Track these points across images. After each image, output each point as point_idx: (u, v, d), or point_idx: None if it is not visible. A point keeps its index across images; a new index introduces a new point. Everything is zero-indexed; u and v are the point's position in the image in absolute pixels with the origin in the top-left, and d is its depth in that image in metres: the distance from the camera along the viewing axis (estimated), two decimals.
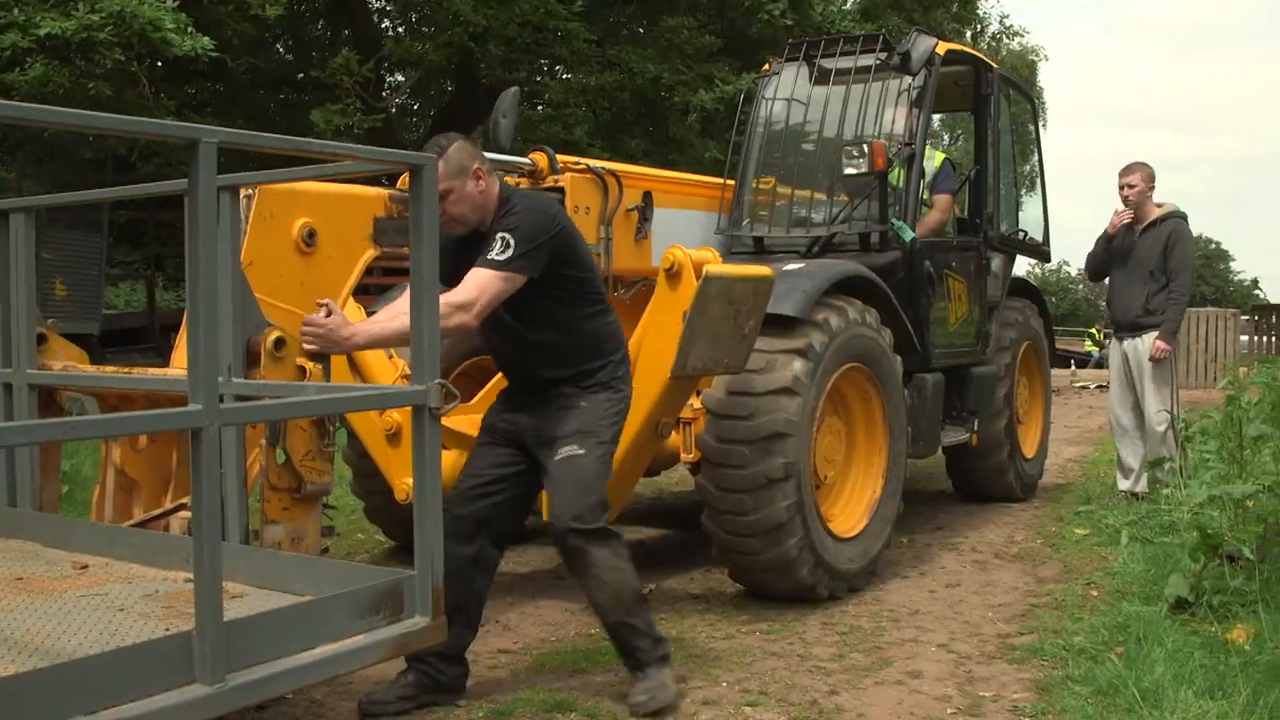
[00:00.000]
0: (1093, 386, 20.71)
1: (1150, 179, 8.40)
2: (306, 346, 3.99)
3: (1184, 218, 8.41)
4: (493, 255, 4.26)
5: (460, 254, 4.31)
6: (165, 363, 5.80)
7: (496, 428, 4.71)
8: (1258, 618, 5.16)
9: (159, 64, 14.40)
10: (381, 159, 3.58)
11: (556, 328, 4.53)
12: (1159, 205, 8.44)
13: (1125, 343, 8.45)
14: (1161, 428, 8.19)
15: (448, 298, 4.07)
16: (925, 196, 7.73)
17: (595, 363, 4.61)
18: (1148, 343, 8.24)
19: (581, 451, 4.48)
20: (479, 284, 4.23)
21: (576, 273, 4.54)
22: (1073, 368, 25.46)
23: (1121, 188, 8.41)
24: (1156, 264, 8.25)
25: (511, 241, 4.26)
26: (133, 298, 17.27)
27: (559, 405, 4.56)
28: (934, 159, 7.87)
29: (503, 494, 4.61)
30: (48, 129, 12.22)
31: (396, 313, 4.18)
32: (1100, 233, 8.61)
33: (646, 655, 4.56)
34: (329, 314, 4.00)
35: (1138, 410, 8.42)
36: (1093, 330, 36.64)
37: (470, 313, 4.18)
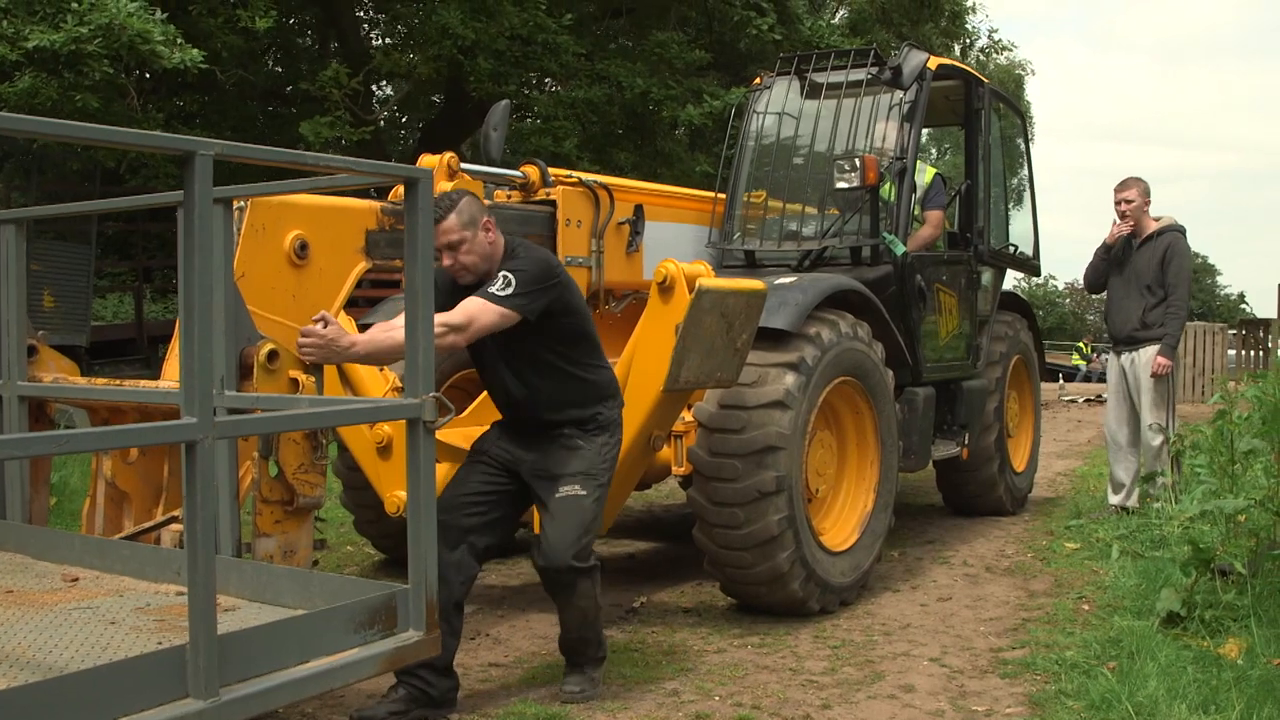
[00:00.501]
0: (1081, 400, 20.74)
1: (1146, 193, 8.41)
2: (305, 357, 4.01)
3: (1182, 231, 8.39)
4: (494, 290, 4.45)
5: (456, 294, 4.53)
6: (153, 374, 5.76)
7: (491, 453, 4.86)
8: (1250, 632, 5.16)
9: (147, 76, 14.38)
10: (377, 172, 3.56)
11: (559, 377, 4.73)
12: (1156, 219, 8.44)
13: (1123, 356, 8.44)
14: (1156, 442, 8.19)
15: (443, 318, 4.21)
16: (916, 212, 7.73)
17: (594, 409, 4.81)
18: (1145, 356, 8.23)
19: (583, 493, 4.69)
20: (475, 310, 4.41)
21: (576, 324, 4.75)
22: (1061, 381, 25.50)
23: (1118, 203, 8.40)
24: (1154, 278, 8.24)
25: (513, 280, 4.46)
26: (120, 309, 17.18)
27: (561, 444, 4.77)
28: (925, 174, 7.86)
29: (491, 512, 4.76)
30: (37, 140, 12.20)
31: (393, 325, 4.22)
32: (1099, 244, 8.61)
33: (588, 659, 4.89)
34: (326, 325, 4.02)
35: (1133, 425, 8.41)
36: (1080, 344, 36.73)
37: (462, 335, 4.36)
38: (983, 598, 6.52)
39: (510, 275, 4.46)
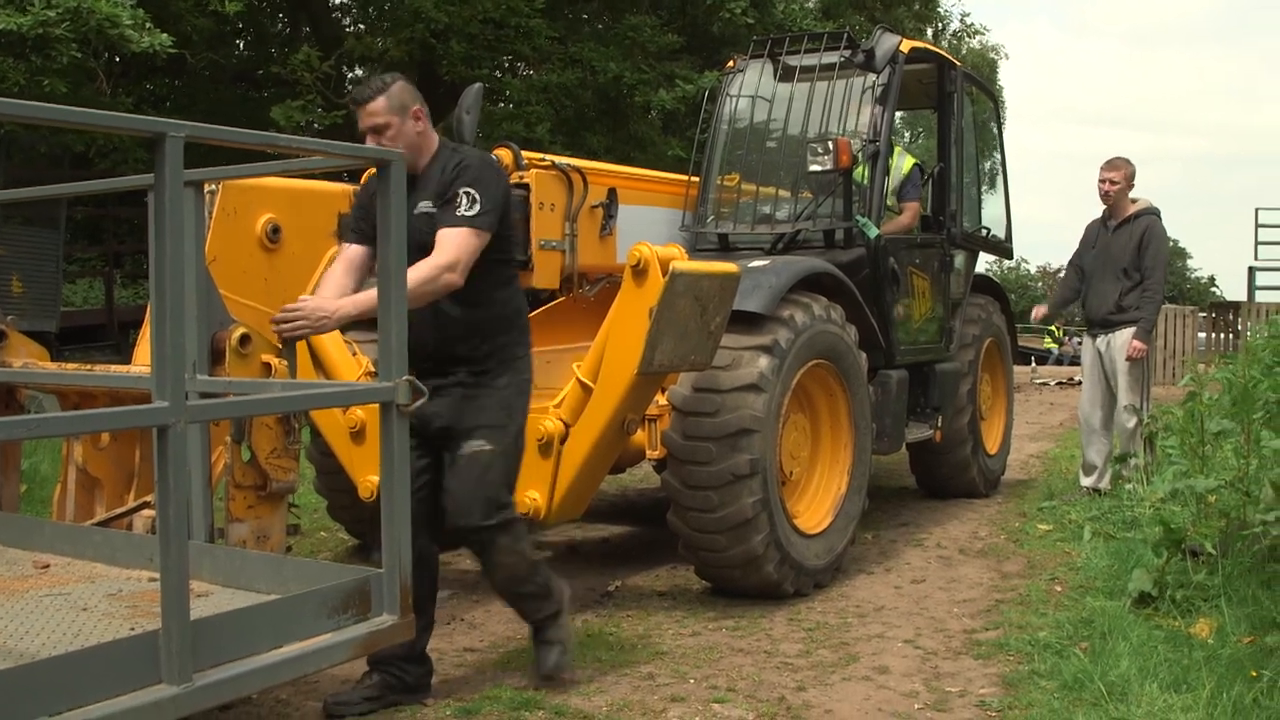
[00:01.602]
0: (1053, 383, 20.85)
1: (1131, 177, 8.39)
2: (293, 334, 3.86)
3: (1157, 214, 8.38)
4: (463, 212, 4.22)
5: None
6: (124, 360, 5.70)
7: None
8: (1220, 612, 5.20)
9: (116, 60, 14.27)
10: (351, 154, 3.54)
11: (472, 301, 4.41)
12: (1133, 201, 8.44)
13: (1098, 340, 8.45)
14: (1130, 424, 8.22)
15: (433, 260, 4.09)
16: (891, 202, 7.76)
17: (502, 337, 4.53)
18: (1120, 339, 8.24)
19: (489, 447, 4.43)
20: (458, 243, 4.19)
21: (505, 233, 4.51)
22: (1033, 364, 25.60)
23: (1102, 181, 8.38)
24: (1130, 261, 8.23)
25: (477, 197, 4.24)
26: (90, 295, 17.07)
27: (460, 395, 4.45)
28: (904, 162, 7.92)
29: (425, 489, 4.47)
30: (4, 125, 12.09)
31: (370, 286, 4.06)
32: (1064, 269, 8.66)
33: (543, 619, 4.72)
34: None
35: (1107, 409, 8.43)
36: (1052, 328, 36.85)
37: (456, 272, 4.15)
38: (956, 579, 6.54)
39: (473, 191, 4.23)
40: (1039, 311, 9.31)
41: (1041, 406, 16.88)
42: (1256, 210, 23.34)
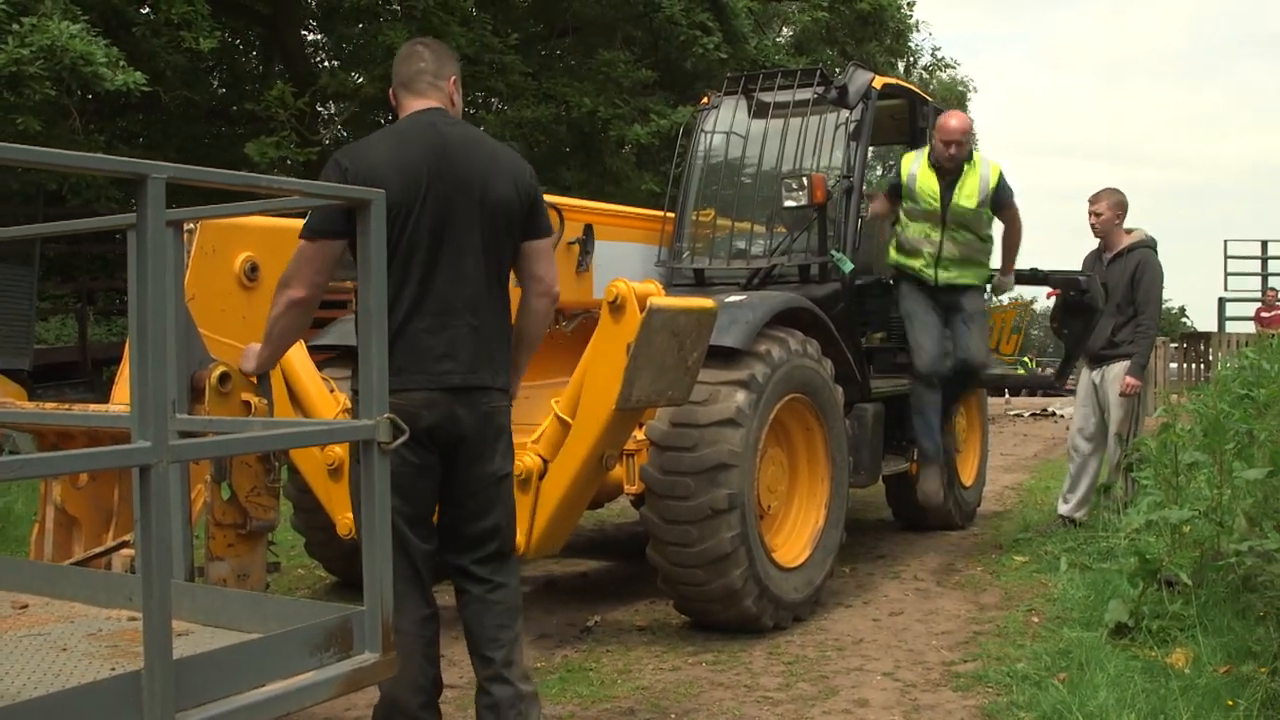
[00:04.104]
0: (1027, 415, 20.94)
1: (1116, 206, 8.35)
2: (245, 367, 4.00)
3: (1153, 246, 8.33)
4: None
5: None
6: (98, 398, 5.66)
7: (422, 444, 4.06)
8: (1196, 642, 5.23)
9: (89, 97, 14.26)
10: (329, 194, 3.55)
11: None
12: (1129, 232, 8.41)
13: (1093, 372, 8.45)
14: (1118, 456, 8.21)
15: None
16: (987, 214, 7.84)
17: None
18: (1113, 373, 8.21)
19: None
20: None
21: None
22: (1007, 396, 25.71)
23: (1089, 215, 8.41)
24: (1124, 295, 8.16)
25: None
26: (63, 331, 16.99)
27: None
28: (990, 172, 7.72)
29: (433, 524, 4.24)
30: None
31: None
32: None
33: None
34: None
35: (1096, 439, 8.42)
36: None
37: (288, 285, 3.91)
38: (934, 611, 6.56)
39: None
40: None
41: (1015, 438, 16.96)
42: (1225, 242, 23.62)
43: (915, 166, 7.67)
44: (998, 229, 7.99)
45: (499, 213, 4.03)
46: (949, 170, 7.54)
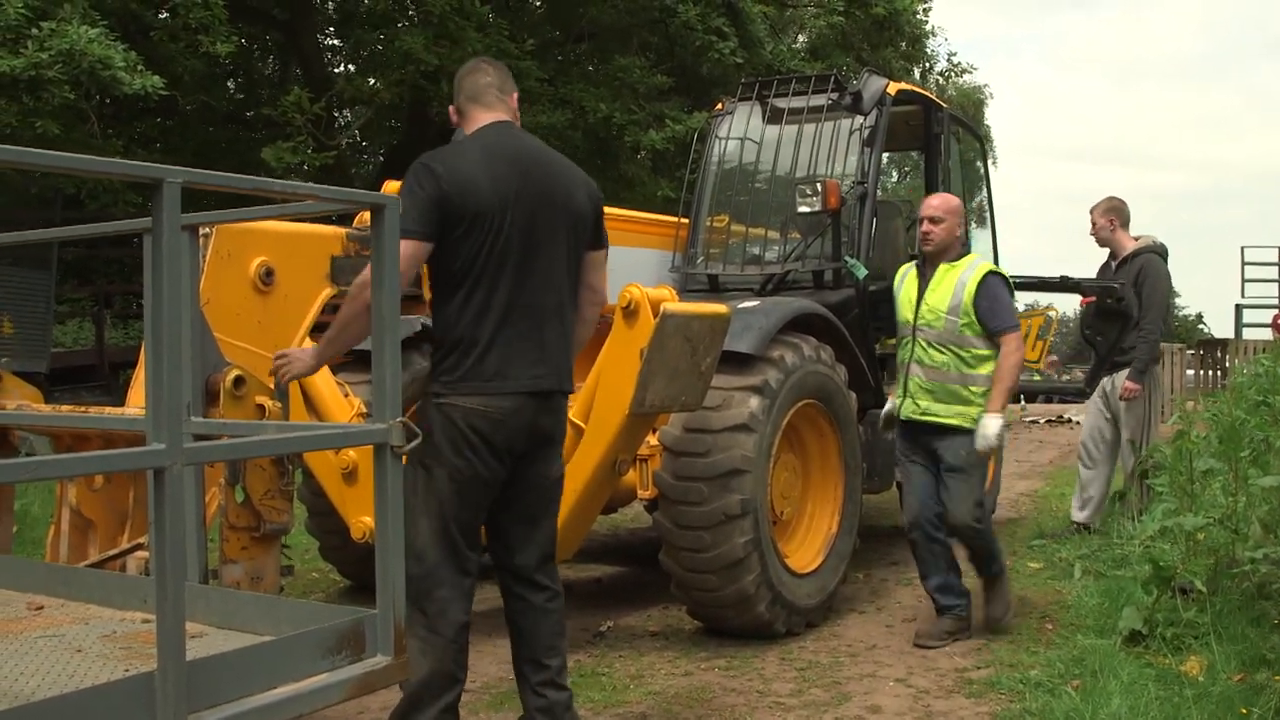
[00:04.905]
0: (1042, 421, 20.87)
1: (1110, 212, 8.39)
2: (287, 374, 4.05)
3: (1158, 252, 8.32)
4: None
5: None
6: (114, 401, 5.67)
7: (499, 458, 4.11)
8: (1210, 650, 5.22)
9: (107, 101, 14.34)
10: (344, 199, 3.57)
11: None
12: (1136, 238, 8.42)
13: (1104, 378, 8.47)
14: (1132, 463, 8.21)
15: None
16: (973, 329, 5.94)
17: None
18: (1122, 379, 8.21)
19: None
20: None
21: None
22: (1022, 402, 25.63)
23: (1091, 225, 8.46)
24: (1130, 301, 8.17)
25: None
26: (80, 335, 17.07)
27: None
28: (973, 274, 5.96)
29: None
30: None
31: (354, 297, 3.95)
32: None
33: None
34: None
35: (1108, 446, 8.42)
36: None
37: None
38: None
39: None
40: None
41: (1030, 444, 16.90)
42: (1243, 248, 23.53)
43: (906, 275, 6.24)
44: None
45: (577, 222, 4.21)
46: (929, 266, 6.06)
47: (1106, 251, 8.56)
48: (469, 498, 4.01)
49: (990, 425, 5.87)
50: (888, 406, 6.32)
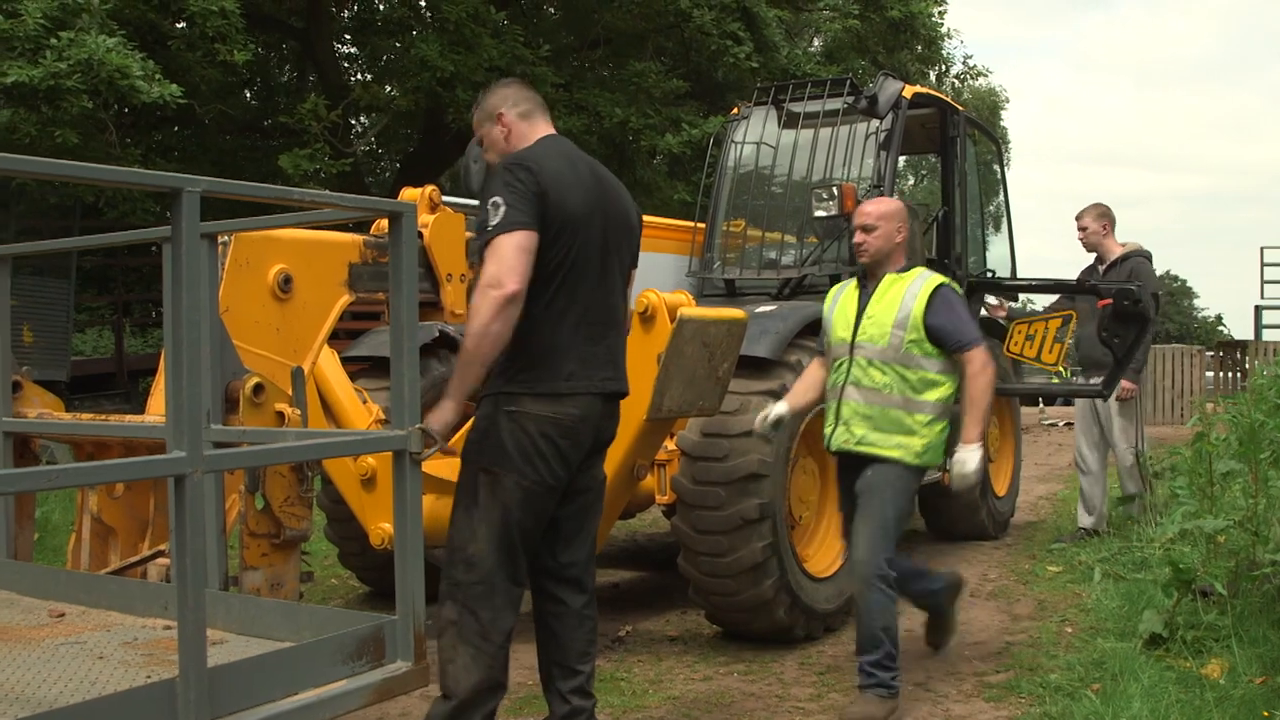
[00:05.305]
0: (1061, 424, 20.83)
1: (1102, 217, 8.52)
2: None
3: (1147, 256, 8.47)
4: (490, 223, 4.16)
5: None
6: (133, 409, 5.68)
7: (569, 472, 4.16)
8: (1231, 652, 5.20)
9: (125, 110, 14.40)
10: (363, 207, 3.59)
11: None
12: (1122, 244, 8.53)
13: (1093, 381, 8.49)
14: (1128, 463, 8.27)
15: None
16: (924, 350, 5.13)
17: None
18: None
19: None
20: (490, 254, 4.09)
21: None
22: (1041, 405, 25.56)
23: (1078, 231, 8.57)
24: (1147, 302, 8.21)
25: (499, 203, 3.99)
26: (99, 344, 17.17)
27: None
28: (923, 286, 5.19)
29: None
30: (16, 179, 12.19)
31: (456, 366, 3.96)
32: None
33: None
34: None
35: (1102, 447, 8.50)
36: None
37: (497, 285, 3.86)
38: (967, 622, 6.53)
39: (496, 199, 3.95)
40: None
41: (1049, 448, 16.86)
42: (1262, 249, 23.37)
43: (841, 292, 5.47)
44: None
45: (631, 239, 4.34)
46: (871, 279, 5.30)
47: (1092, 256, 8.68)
48: (535, 506, 4.01)
49: (969, 459, 5.01)
50: (778, 409, 5.32)
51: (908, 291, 5.13)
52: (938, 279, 5.22)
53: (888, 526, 5.02)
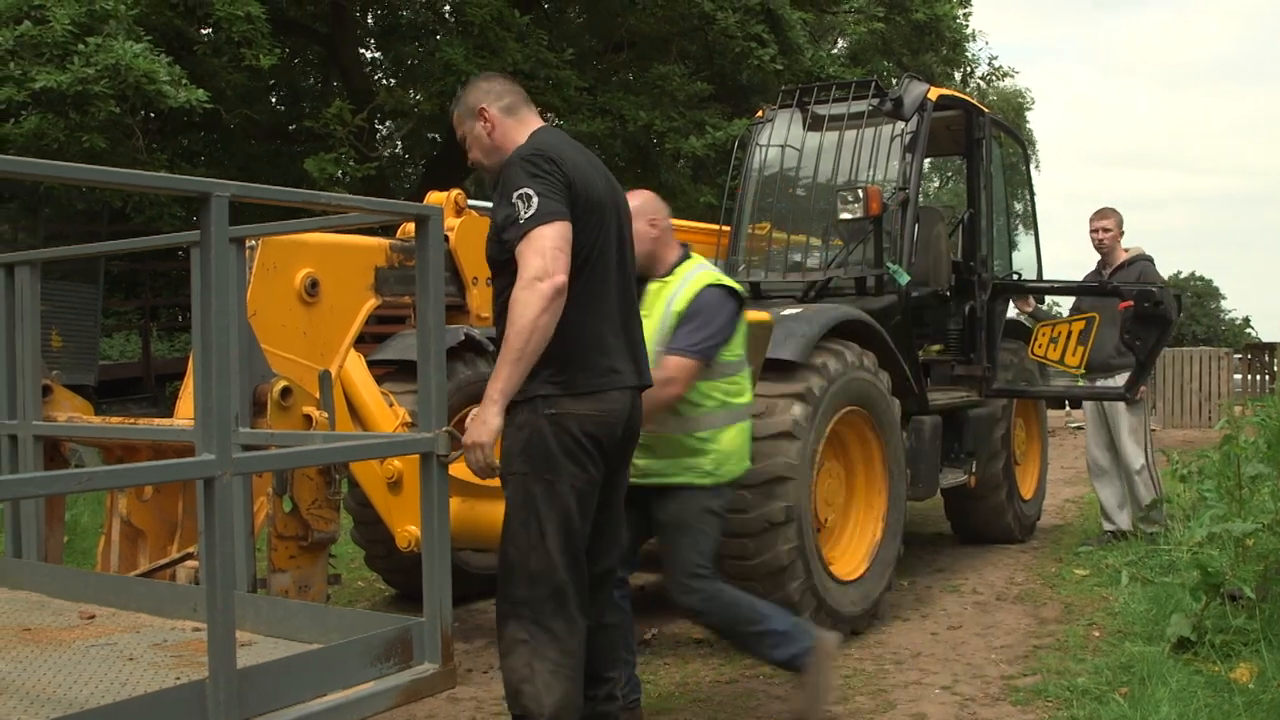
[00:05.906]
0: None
1: (1121, 224, 8.65)
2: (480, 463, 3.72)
3: (1151, 260, 8.59)
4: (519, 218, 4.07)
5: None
6: (161, 412, 5.71)
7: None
8: (1260, 657, 5.17)
9: (152, 115, 14.49)
10: (389, 211, 3.60)
11: None
12: (1126, 249, 8.66)
13: (1098, 384, 8.49)
14: (1137, 466, 8.27)
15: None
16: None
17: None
18: (1119, 384, 8.25)
19: None
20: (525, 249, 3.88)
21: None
22: (1067, 408, 25.45)
23: (1095, 231, 8.61)
24: (1169, 304, 8.19)
25: (529, 195, 3.81)
26: (127, 348, 17.25)
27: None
28: (690, 285, 4.71)
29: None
30: (45, 184, 12.28)
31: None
32: None
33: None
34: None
35: (1114, 449, 8.49)
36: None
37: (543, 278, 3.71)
38: (993, 625, 6.52)
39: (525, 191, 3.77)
40: None
41: (1076, 451, 16.77)
42: None
43: None
44: None
45: (630, 224, 4.21)
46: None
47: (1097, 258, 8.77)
48: (587, 506, 3.89)
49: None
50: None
51: (667, 303, 4.72)
52: (708, 278, 4.75)
53: (697, 538, 4.78)
